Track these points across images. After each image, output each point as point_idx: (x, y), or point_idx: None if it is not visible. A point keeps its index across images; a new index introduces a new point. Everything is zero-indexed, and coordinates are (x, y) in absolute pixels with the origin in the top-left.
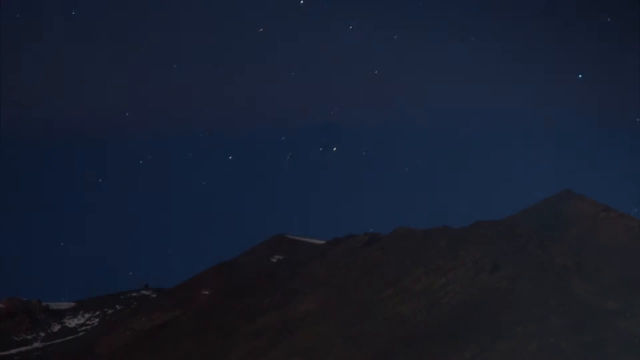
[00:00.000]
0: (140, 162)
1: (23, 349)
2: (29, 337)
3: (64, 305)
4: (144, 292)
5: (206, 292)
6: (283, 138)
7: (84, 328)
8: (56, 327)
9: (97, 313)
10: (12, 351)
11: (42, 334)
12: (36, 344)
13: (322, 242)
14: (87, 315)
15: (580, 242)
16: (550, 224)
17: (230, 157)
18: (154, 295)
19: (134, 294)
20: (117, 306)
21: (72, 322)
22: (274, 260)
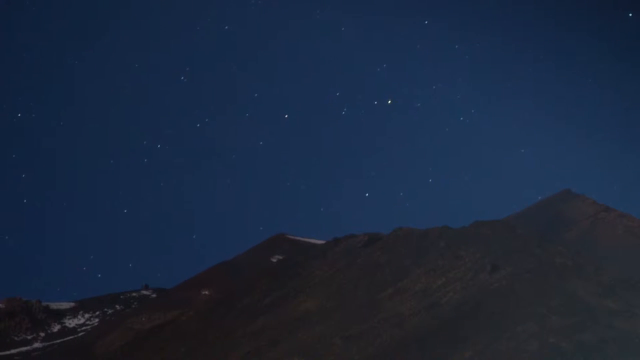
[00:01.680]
0: (198, 125)
1: (23, 349)
2: (29, 337)
3: (64, 305)
4: (144, 292)
5: (206, 292)
6: (337, 94)
7: (84, 328)
8: (56, 327)
9: (97, 313)
10: (12, 351)
11: (42, 334)
12: (36, 344)
13: (322, 242)
14: (87, 315)
15: (580, 242)
16: (550, 224)
17: (286, 116)
18: (154, 295)
19: (134, 294)
20: (117, 306)
21: (72, 322)
22: (274, 260)
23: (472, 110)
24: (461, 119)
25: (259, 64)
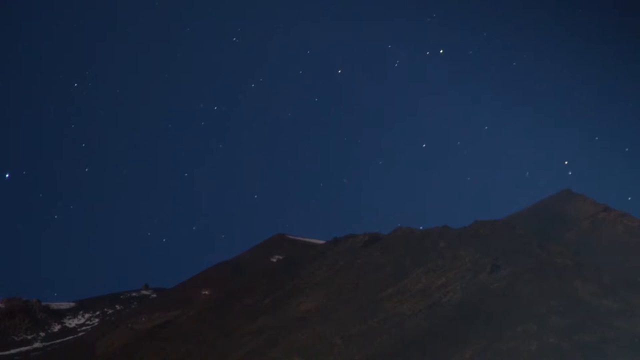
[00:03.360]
0: (252, 85)
1: (23, 349)
2: (29, 337)
3: (64, 305)
4: (144, 292)
5: (206, 292)
6: (389, 46)
7: (84, 328)
8: (56, 327)
9: (97, 313)
10: (12, 351)
11: (42, 334)
12: (36, 344)
13: (322, 242)
14: (87, 315)
15: (580, 242)
16: (550, 224)
17: (339, 71)
18: (154, 295)
19: (134, 294)
20: (117, 306)
21: (72, 322)
22: (274, 260)
23: (524, 55)
24: (514, 64)
25: (311, 20)
